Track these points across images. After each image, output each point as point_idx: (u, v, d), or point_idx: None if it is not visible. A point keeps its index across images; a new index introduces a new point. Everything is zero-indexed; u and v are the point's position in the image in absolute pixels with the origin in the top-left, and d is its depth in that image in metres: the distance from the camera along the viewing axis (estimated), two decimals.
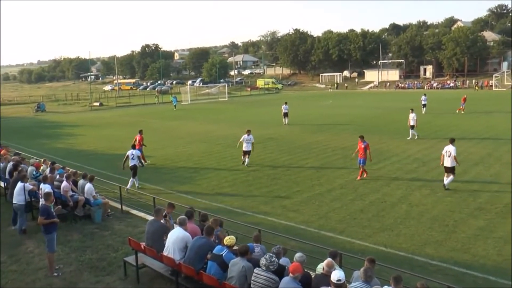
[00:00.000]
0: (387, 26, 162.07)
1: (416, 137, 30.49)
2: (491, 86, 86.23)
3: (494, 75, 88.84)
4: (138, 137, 24.48)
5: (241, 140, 23.56)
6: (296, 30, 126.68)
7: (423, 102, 45.94)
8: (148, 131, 38.45)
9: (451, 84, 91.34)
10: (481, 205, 16.24)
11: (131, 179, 19.58)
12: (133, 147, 20.80)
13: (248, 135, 23.35)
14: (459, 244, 12.95)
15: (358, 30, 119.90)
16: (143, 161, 22.76)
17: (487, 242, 13.01)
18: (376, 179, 20.22)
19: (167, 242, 9.85)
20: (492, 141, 28.61)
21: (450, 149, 18.30)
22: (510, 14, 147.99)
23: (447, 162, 18.35)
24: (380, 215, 15.56)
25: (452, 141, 18.62)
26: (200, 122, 45.06)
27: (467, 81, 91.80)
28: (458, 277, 11.09)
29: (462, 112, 44.54)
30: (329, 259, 8.09)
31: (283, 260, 8.67)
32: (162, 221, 10.75)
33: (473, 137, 30.16)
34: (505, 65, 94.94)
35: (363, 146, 20.41)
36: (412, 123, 30.63)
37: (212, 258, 8.89)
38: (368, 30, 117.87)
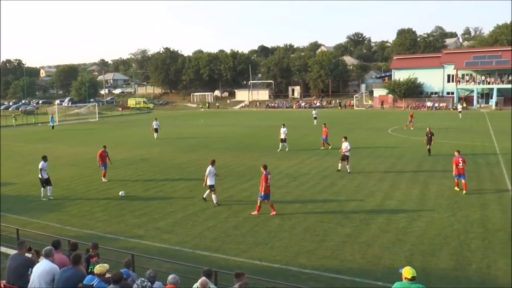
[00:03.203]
0: (256, 48, 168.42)
1: (286, 149, 33.43)
2: (353, 105, 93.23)
3: (354, 96, 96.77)
4: (100, 152, 24.69)
5: (206, 173, 19.50)
6: (167, 49, 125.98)
7: (314, 116, 56.44)
8: (11, 156, 35.68)
9: (318, 104, 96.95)
10: (347, 214, 17.55)
11: (48, 187, 21.09)
12: (43, 158, 21.35)
13: (213, 165, 19.69)
14: (329, 251, 13.88)
15: (228, 51, 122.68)
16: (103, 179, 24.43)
17: (353, 247, 14.13)
18: (249, 196, 20.77)
19: (32, 277, 9.10)
20: (353, 156, 30.73)
21: None
22: (365, 41, 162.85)
23: None
24: (254, 230, 16.03)
25: None
26: (69, 144, 42.74)
27: (332, 101, 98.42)
28: (329, 282, 11.90)
29: (412, 128, 47.03)
30: (203, 278, 8.15)
31: (156, 284, 8.56)
32: (27, 254, 9.96)
33: (338, 153, 32.19)
34: (363, 87, 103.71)
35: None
36: (282, 137, 33.78)
37: None
38: (237, 51, 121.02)
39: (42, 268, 9.00)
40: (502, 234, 14.90)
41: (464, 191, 20.08)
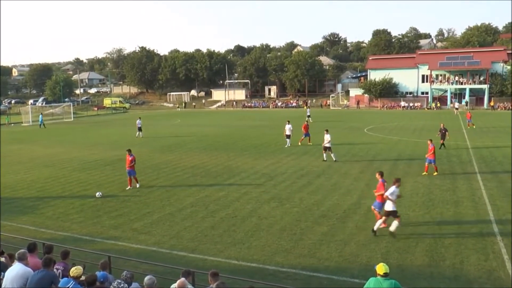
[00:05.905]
0: (232, 47, 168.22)
1: (289, 145, 35.49)
2: (329, 105, 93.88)
3: (331, 96, 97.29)
4: (127, 157, 23.07)
5: (391, 198, 15.13)
6: (143, 48, 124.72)
7: (308, 114, 57.33)
8: None
9: (294, 104, 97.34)
10: (324, 213, 17.66)
11: None
12: None
13: (398, 185, 15.58)
14: (306, 250, 13.97)
15: (204, 50, 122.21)
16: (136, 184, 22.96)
17: (330, 245, 14.25)
18: (226, 195, 20.75)
19: (4, 282, 8.87)
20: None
21: None
22: (341, 42, 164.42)
23: None
24: (231, 230, 16.03)
25: None
26: (44, 145, 42.05)
27: (308, 101, 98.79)
28: (306, 280, 11.99)
29: (473, 127, 46.85)
30: (181, 279, 8.13)
31: (134, 285, 8.50)
32: (1, 259, 9.75)
33: (315, 152, 32.46)
34: (339, 86, 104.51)
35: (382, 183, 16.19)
36: (288, 133, 35.94)
37: None
38: (214, 50, 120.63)
39: (15, 272, 8.80)
40: (475, 231, 15.23)
41: (435, 173, 23.91)
